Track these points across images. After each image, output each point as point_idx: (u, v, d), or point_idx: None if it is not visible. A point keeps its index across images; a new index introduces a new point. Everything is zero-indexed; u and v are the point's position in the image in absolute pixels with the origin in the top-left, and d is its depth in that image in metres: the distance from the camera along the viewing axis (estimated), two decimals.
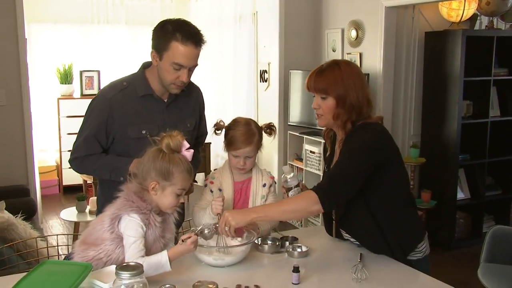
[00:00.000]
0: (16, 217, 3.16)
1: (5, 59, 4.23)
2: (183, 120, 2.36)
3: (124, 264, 1.51)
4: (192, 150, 1.98)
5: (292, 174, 2.18)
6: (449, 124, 4.64)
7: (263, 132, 2.30)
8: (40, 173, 5.83)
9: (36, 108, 6.47)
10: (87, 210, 4.40)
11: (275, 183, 2.38)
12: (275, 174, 5.42)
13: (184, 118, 2.38)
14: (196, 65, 2.23)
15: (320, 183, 2.00)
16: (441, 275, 1.92)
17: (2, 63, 4.22)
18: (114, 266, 1.61)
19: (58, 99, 6.40)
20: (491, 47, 4.65)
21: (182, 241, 1.85)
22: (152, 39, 2.22)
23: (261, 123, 5.99)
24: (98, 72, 6.67)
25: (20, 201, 4.03)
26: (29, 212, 4.01)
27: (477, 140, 4.82)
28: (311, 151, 4.97)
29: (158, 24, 2.22)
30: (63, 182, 6.48)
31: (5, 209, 3.52)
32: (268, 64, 5.50)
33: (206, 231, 2.05)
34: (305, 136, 5.08)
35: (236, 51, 6.03)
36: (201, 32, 2.21)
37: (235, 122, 2.28)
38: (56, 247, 2.46)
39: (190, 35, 2.14)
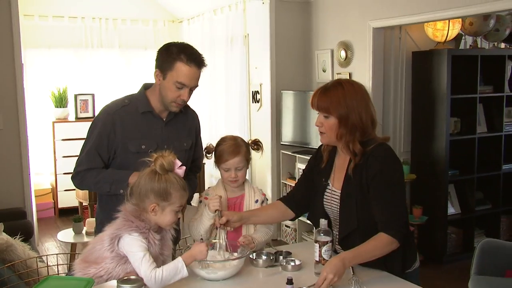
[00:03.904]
0: (14, 238, 3.21)
1: (2, 84, 4.31)
2: (180, 139, 2.47)
3: (125, 277, 1.57)
4: (184, 167, 2.06)
5: (327, 229, 2.10)
6: (437, 141, 4.75)
7: (250, 148, 2.40)
8: (35, 196, 5.88)
9: (31, 131, 6.54)
10: (83, 232, 4.44)
11: (267, 200, 2.47)
12: (268, 192, 5.50)
13: (181, 137, 2.48)
14: (197, 85, 2.36)
15: (386, 224, 2.00)
16: None
17: (0, 88, 4.30)
18: (115, 280, 1.67)
19: (53, 122, 6.47)
20: (476, 66, 4.80)
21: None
22: (156, 60, 2.35)
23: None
24: (93, 95, 6.75)
25: (18, 223, 4.07)
26: (26, 234, 4.06)
27: (465, 156, 4.93)
28: (303, 170, 5.05)
29: (163, 46, 2.36)
30: (59, 205, 6.51)
31: (3, 231, 3.57)
32: (260, 85, 5.61)
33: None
34: (297, 155, 5.17)
35: (228, 72, 6.15)
36: (202, 55, 2.35)
37: (222, 138, 2.42)
38: (56, 265, 2.52)
39: (194, 57, 2.29)
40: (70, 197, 6.24)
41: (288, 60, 5.42)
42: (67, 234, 4.45)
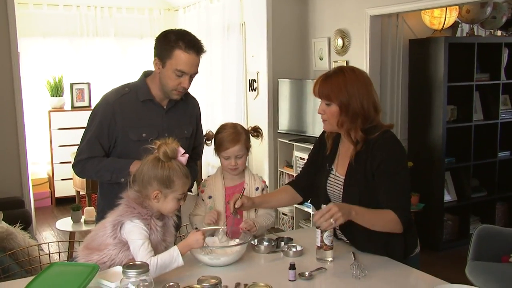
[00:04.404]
0: (14, 227, 3.22)
1: None
2: (180, 127, 2.47)
3: (131, 263, 1.58)
4: (187, 155, 2.07)
5: None
6: (434, 129, 4.77)
7: (250, 135, 2.40)
8: (32, 185, 5.87)
9: (27, 121, 6.52)
10: (82, 220, 4.45)
11: (267, 187, 2.49)
12: (266, 180, 5.51)
13: (182, 124, 2.48)
14: (197, 72, 2.35)
15: (393, 204, 2.01)
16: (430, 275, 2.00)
17: None
18: (120, 266, 1.68)
19: (49, 111, 6.46)
20: (473, 53, 4.81)
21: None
22: (155, 48, 2.34)
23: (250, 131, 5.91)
24: (89, 84, 6.74)
25: (16, 212, 4.09)
26: (24, 223, 4.06)
27: (462, 144, 4.96)
28: (300, 158, 5.07)
29: (161, 33, 2.34)
30: (55, 194, 6.51)
31: (3, 220, 3.58)
32: (257, 73, 5.60)
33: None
34: (294, 143, 5.18)
35: (225, 61, 6.14)
36: (201, 41, 2.33)
37: (222, 126, 2.42)
38: (58, 253, 2.52)
39: (192, 44, 2.28)
40: (67, 186, 6.24)
41: (285, 48, 5.41)
42: (65, 223, 4.46)
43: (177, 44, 2.25)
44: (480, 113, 5.11)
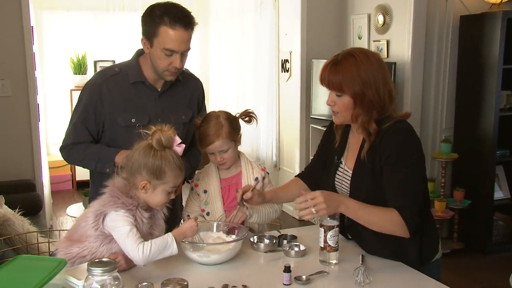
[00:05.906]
0: (14, 212, 3.25)
1: (10, 48, 4.31)
2: (177, 111, 2.38)
3: (96, 260, 1.53)
4: (183, 145, 1.99)
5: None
6: (485, 117, 4.53)
7: (239, 121, 2.29)
8: (52, 167, 5.98)
9: (48, 99, 6.63)
10: None
11: (268, 173, 2.39)
12: (296, 169, 5.41)
13: (179, 109, 2.39)
14: (189, 49, 2.24)
15: (399, 203, 1.88)
16: (473, 281, 1.85)
17: (7, 53, 4.31)
18: None
19: (71, 90, 6.53)
20: None
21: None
22: (142, 26, 2.25)
23: (282, 115, 5.90)
24: (113, 62, 6.75)
25: (26, 196, 4.12)
26: (35, 208, 4.12)
27: None
28: None
29: (147, 9, 2.25)
30: (77, 177, 6.61)
31: (7, 204, 3.63)
32: (290, 53, 5.48)
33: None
34: None
35: (257, 39, 6.04)
36: (191, 14, 2.23)
37: (205, 117, 2.30)
38: (47, 243, 2.52)
39: (178, 18, 2.16)
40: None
41: (320, 26, 5.26)
42: (77, 209, 4.50)
43: (162, 20, 2.14)
44: None
